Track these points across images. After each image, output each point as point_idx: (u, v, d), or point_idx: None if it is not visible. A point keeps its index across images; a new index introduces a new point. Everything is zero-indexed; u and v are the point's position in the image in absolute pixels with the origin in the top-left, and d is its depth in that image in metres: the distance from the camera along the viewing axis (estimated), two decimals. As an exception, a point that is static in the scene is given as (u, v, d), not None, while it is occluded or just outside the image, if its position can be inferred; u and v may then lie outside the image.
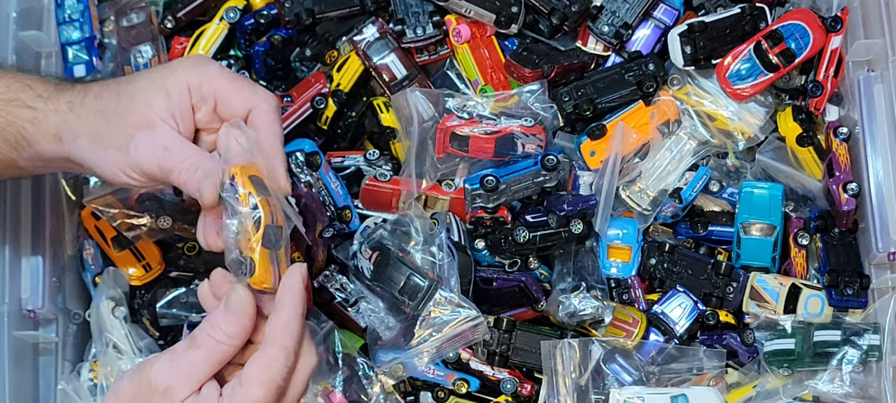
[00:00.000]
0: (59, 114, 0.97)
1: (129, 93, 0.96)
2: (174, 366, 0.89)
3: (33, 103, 0.97)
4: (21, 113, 0.97)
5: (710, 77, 1.27)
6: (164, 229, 1.22)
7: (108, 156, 0.96)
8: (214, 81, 0.96)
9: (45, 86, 0.98)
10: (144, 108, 0.95)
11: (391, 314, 1.19)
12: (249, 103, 0.97)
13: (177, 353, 0.90)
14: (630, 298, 1.26)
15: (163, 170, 0.95)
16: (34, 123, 0.97)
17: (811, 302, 1.22)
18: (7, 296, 1.18)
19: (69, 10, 1.29)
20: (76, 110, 0.97)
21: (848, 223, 1.24)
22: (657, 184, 1.27)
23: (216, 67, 0.98)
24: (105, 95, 0.97)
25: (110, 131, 0.95)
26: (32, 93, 0.98)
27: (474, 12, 1.26)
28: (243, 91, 0.97)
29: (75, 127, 0.96)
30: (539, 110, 1.25)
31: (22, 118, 0.97)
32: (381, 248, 1.18)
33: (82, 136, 0.96)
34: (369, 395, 1.19)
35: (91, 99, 0.97)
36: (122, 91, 0.97)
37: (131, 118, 0.95)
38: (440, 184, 1.26)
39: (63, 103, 0.97)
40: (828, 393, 1.18)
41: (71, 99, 0.97)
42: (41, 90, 0.98)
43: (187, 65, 0.98)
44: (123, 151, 0.95)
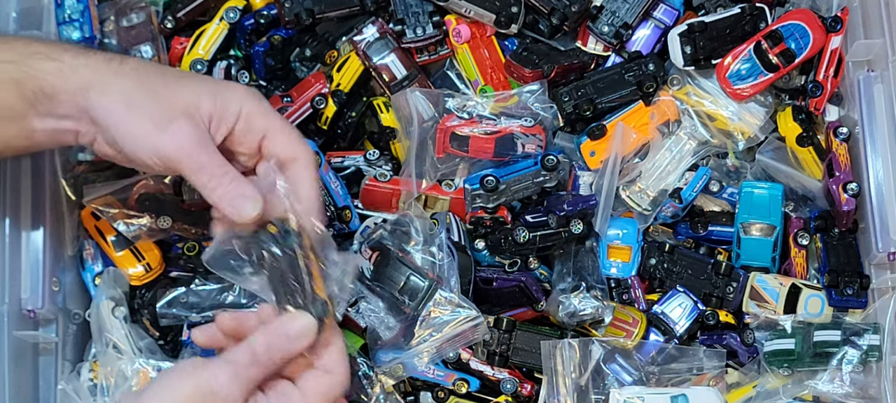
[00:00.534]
0: (91, 69, 0.96)
1: (177, 81, 0.97)
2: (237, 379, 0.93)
3: (60, 57, 0.96)
4: (44, 65, 0.96)
5: (710, 77, 1.27)
6: (164, 229, 1.22)
7: (139, 126, 0.95)
8: (268, 117, 0.99)
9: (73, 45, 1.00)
10: (191, 103, 0.96)
11: (391, 314, 1.19)
12: (296, 151, 1.00)
13: (241, 367, 0.93)
14: (630, 298, 1.26)
15: (193, 162, 0.95)
16: (59, 75, 0.95)
17: (811, 302, 1.22)
18: (7, 296, 1.18)
19: (69, 10, 1.29)
20: (115, 68, 0.96)
21: (848, 223, 1.24)
22: (657, 184, 1.27)
23: (268, 105, 1.01)
24: (148, 71, 0.97)
25: (151, 104, 0.95)
26: (58, 48, 0.97)
27: (474, 12, 1.26)
28: (292, 136, 1.01)
29: (111, 84, 0.96)
30: (539, 110, 1.25)
31: (45, 70, 0.96)
32: (381, 248, 1.18)
33: (117, 95, 0.95)
34: (369, 395, 1.19)
35: (130, 67, 0.97)
36: (168, 75, 0.98)
37: (176, 103, 0.96)
38: (440, 184, 1.26)
39: (99, 60, 0.96)
40: (828, 393, 1.18)
41: (109, 58, 0.97)
42: (68, 46, 0.99)
43: (245, 92, 1.00)
44: (159, 128, 0.94)
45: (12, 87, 0.96)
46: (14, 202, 1.20)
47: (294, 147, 1.00)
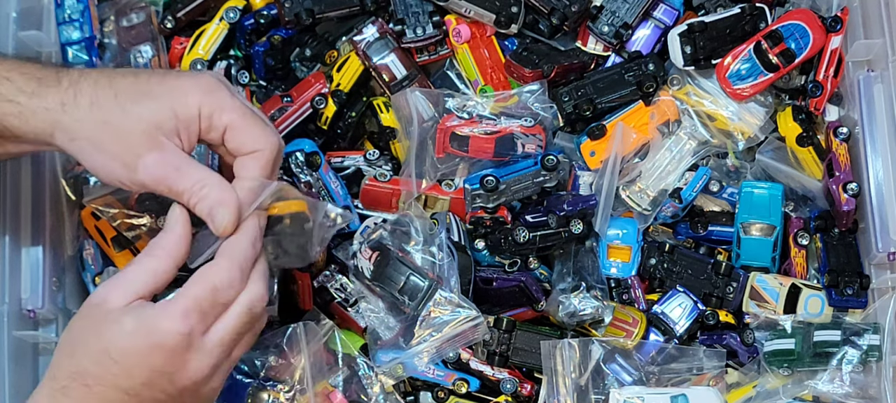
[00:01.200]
0: (49, 113, 0.95)
1: (135, 112, 0.95)
2: (111, 282, 0.93)
3: (16, 97, 0.95)
4: (4, 107, 0.95)
5: (710, 77, 1.27)
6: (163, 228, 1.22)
7: (110, 167, 0.96)
8: (226, 114, 0.97)
9: (27, 79, 0.96)
10: (153, 130, 0.95)
11: (391, 314, 1.19)
12: (257, 144, 0.98)
13: (115, 272, 0.95)
14: (630, 298, 1.26)
15: (172, 191, 0.96)
16: (19, 117, 0.95)
17: (811, 302, 1.22)
18: (7, 296, 1.18)
19: (69, 10, 1.29)
20: (71, 112, 0.95)
21: (848, 223, 1.24)
22: (657, 184, 1.27)
23: (228, 97, 0.97)
24: (103, 103, 0.95)
25: (116, 145, 0.95)
26: (13, 87, 0.96)
27: (474, 12, 1.26)
28: (253, 130, 0.98)
29: (72, 129, 0.95)
30: (539, 110, 1.25)
31: (5, 112, 0.95)
32: (381, 248, 1.18)
33: (82, 141, 0.95)
34: (369, 395, 1.19)
35: (86, 104, 0.95)
36: (124, 105, 0.95)
37: (139, 137, 0.95)
38: (440, 184, 1.26)
39: (53, 102, 0.95)
40: (828, 393, 1.18)
41: (62, 99, 0.95)
42: (22, 84, 0.96)
43: (201, 89, 0.97)
44: (130, 168, 0.95)
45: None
46: (14, 202, 1.20)
47: (255, 139, 0.98)
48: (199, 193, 0.95)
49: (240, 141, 0.98)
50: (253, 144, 0.98)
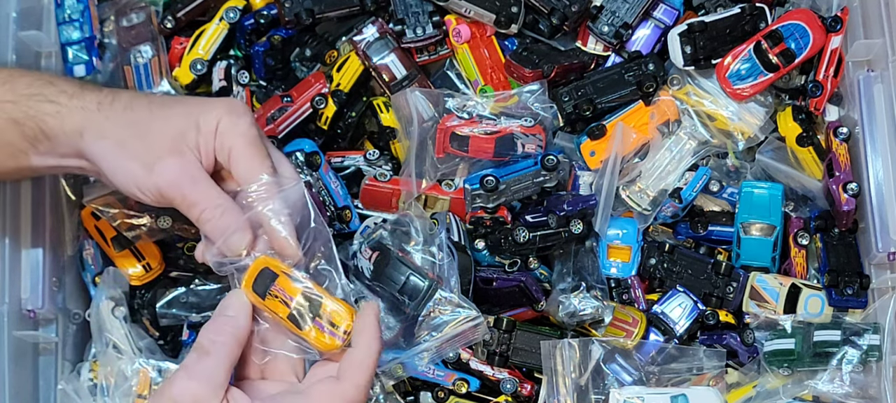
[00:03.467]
0: (85, 112, 0.97)
1: (164, 115, 0.97)
2: (194, 377, 0.90)
3: (57, 98, 0.98)
4: (43, 107, 0.98)
5: (710, 77, 1.27)
6: (164, 229, 1.22)
7: (130, 167, 0.96)
8: (234, 138, 0.96)
9: (70, 83, 0.99)
10: (180, 136, 0.96)
11: (391, 314, 1.19)
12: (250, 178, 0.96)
13: (191, 366, 0.91)
14: (630, 298, 1.26)
15: (185, 200, 0.96)
16: (57, 117, 0.97)
17: (811, 302, 1.22)
18: (7, 296, 1.18)
19: (69, 10, 1.29)
20: (105, 111, 0.97)
21: (848, 223, 1.24)
22: (657, 184, 1.27)
23: (246, 124, 0.97)
24: (136, 107, 0.98)
25: (139, 145, 0.96)
26: (55, 89, 0.98)
27: (474, 12, 1.26)
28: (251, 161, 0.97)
29: (102, 127, 0.97)
30: (539, 110, 1.25)
31: (44, 112, 0.97)
32: (381, 248, 1.18)
33: (109, 139, 0.97)
34: (369, 395, 1.19)
35: (120, 106, 0.98)
36: (155, 110, 0.97)
37: (163, 140, 0.96)
38: (440, 184, 1.26)
39: (91, 101, 0.97)
40: (828, 393, 1.18)
41: (100, 99, 0.98)
42: (65, 87, 0.99)
43: (224, 108, 0.98)
44: (148, 168, 0.96)
45: (13, 126, 0.98)
46: (14, 202, 1.20)
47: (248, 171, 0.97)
48: (214, 212, 0.95)
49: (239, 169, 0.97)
50: (247, 177, 0.97)
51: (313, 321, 0.94)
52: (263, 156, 0.98)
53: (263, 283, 0.94)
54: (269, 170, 0.97)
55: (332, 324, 0.94)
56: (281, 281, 0.94)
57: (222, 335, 0.92)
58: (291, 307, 0.94)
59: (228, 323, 0.93)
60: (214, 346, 0.92)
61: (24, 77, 1.00)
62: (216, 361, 0.91)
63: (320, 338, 0.94)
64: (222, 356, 0.91)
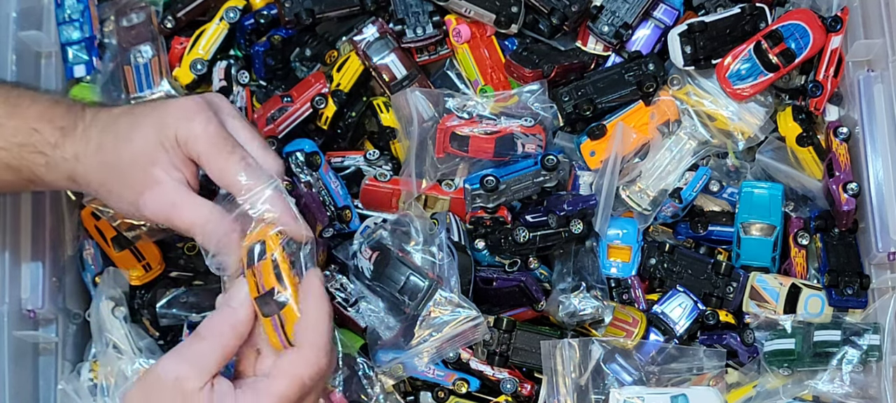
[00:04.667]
0: (68, 163, 0.99)
1: (131, 152, 0.96)
2: (181, 358, 0.91)
3: (44, 149, 0.99)
4: (34, 158, 1.00)
5: (710, 77, 1.27)
6: (164, 229, 1.22)
7: (121, 206, 1.00)
8: (196, 144, 0.95)
9: (52, 130, 0.99)
10: (148, 166, 0.96)
11: (391, 314, 1.19)
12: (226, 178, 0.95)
13: (182, 347, 0.92)
14: (630, 298, 1.26)
15: (173, 223, 0.97)
16: (47, 167, 0.99)
17: (811, 302, 1.22)
18: (7, 296, 1.18)
19: (69, 10, 1.29)
20: (83, 162, 0.98)
21: (848, 223, 1.24)
22: (657, 184, 1.27)
23: (201, 126, 0.95)
24: (106, 147, 0.98)
25: (119, 186, 0.98)
26: (41, 138, 0.99)
27: (474, 12, 1.26)
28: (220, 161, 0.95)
29: (86, 176, 0.99)
30: (539, 110, 1.25)
31: (35, 162, 1.00)
32: (381, 248, 1.18)
33: (94, 185, 0.99)
34: (369, 395, 1.19)
35: (93, 150, 0.98)
36: (122, 149, 0.97)
37: (137, 176, 0.96)
38: (440, 184, 1.26)
39: (70, 153, 0.99)
40: (828, 393, 1.18)
41: (76, 150, 0.98)
42: (49, 135, 0.99)
43: (178, 114, 0.96)
44: (134, 205, 0.97)
45: (9, 171, 1.01)
46: (14, 202, 1.20)
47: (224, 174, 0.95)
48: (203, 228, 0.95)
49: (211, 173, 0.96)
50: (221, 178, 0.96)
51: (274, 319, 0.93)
52: (230, 150, 0.96)
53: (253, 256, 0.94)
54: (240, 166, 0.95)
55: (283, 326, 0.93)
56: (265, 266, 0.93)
57: (220, 324, 0.92)
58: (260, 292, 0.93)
59: (229, 313, 0.93)
60: (210, 333, 0.92)
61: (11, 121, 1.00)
62: (209, 347, 0.91)
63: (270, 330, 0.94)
64: (216, 344, 0.91)
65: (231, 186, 0.95)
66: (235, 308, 0.93)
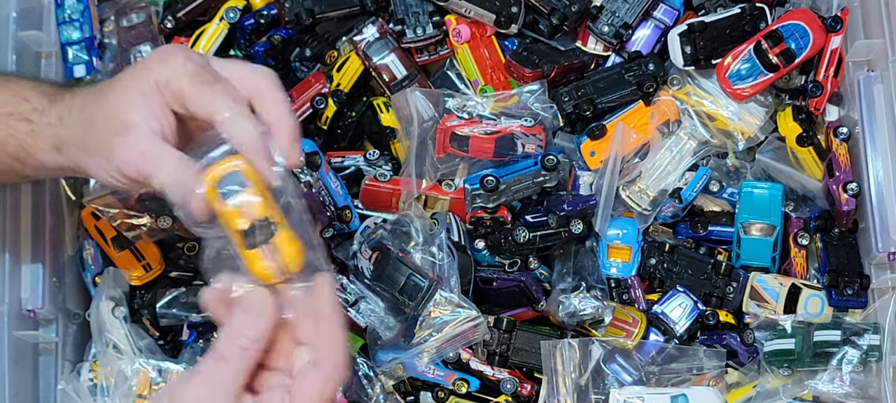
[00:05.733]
0: (52, 127, 0.97)
1: (110, 100, 0.94)
2: (208, 386, 0.86)
3: (30, 116, 0.97)
4: (20, 126, 0.98)
5: (710, 77, 1.27)
6: (164, 229, 1.22)
7: (95, 162, 0.95)
8: (179, 80, 0.91)
9: (40, 98, 0.98)
10: (124, 113, 0.92)
11: (391, 314, 1.19)
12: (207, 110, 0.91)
13: (206, 372, 0.87)
14: (630, 298, 1.26)
15: (143, 175, 0.92)
16: (32, 135, 0.97)
17: (811, 302, 1.22)
18: (7, 296, 1.18)
19: (69, 10, 1.29)
20: (65, 122, 0.96)
21: (848, 223, 1.24)
22: (657, 184, 1.27)
23: (181, 61, 0.92)
24: (88, 105, 0.96)
25: (94, 138, 0.94)
26: (29, 105, 0.98)
27: (474, 12, 1.26)
28: (202, 97, 0.91)
29: (66, 138, 0.96)
30: (539, 110, 1.25)
31: (21, 131, 0.98)
32: (381, 248, 1.18)
33: (72, 145, 0.96)
34: (369, 395, 1.19)
35: (77, 109, 0.96)
36: (101, 98, 0.95)
37: (111, 124, 0.93)
38: (440, 184, 1.26)
39: (54, 117, 0.97)
40: (828, 393, 1.18)
41: (61, 112, 0.97)
42: (36, 102, 0.98)
43: (156, 60, 0.93)
44: (106, 158, 0.93)
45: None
46: (14, 202, 1.20)
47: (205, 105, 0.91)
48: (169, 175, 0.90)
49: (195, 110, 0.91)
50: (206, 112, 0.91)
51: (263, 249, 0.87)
52: (212, 81, 0.92)
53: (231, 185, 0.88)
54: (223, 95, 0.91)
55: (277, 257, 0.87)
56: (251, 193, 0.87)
57: (242, 339, 0.87)
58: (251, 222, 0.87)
59: (250, 326, 0.87)
60: (233, 354, 0.87)
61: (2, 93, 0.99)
62: (235, 369, 0.87)
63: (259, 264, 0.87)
64: (242, 363, 0.87)
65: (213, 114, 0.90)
66: (256, 318, 0.87)
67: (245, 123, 0.90)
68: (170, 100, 0.92)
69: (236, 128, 0.90)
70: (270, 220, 0.88)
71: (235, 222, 0.87)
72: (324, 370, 0.88)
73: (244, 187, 0.88)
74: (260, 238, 0.87)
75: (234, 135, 0.90)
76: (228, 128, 0.90)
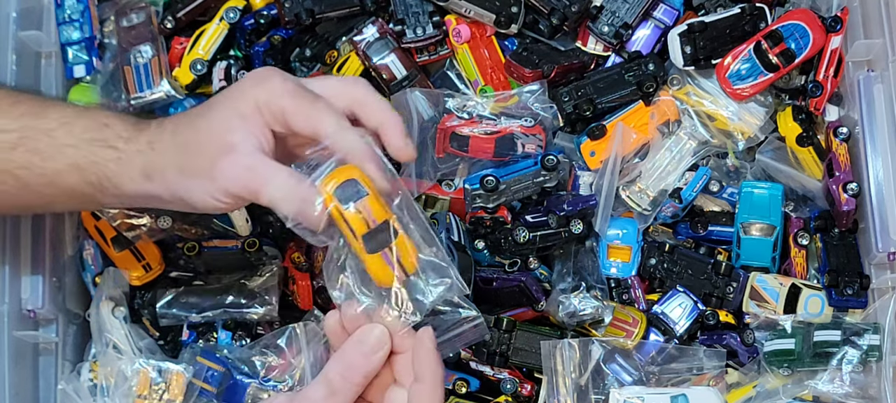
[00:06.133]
0: (142, 155, 0.97)
1: (207, 124, 0.95)
2: None
3: (115, 143, 0.97)
4: (104, 153, 0.97)
5: (710, 77, 1.27)
6: (164, 229, 1.22)
7: (196, 185, 0.95)
8: (279, 100, 0.94)
9: (124, 125, 0.98)
10: (224, 134, 0.94)
11: (391, 314, 1.18)
12: (312, 126, 0.93)
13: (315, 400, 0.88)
14: (630, 298, 1.26)
15: (250, 191, 0.93)
16: (118, 163, 0.97)
17: (811, 302, 1.22)
18: (7, 296, 1.18)
19: (69, 10, 1.29)
20: (158, 148, 0.97)
21: (848, 223, 1.24)
22: (657, 184, 1.27)
23: (279, 82, 0.95)
24: (181, 129, 0.97)
25: (194, 161, 0.94)
26: (113, 132, 0.98)
27: (474, 12, 1.26)
28: (304, 113, 0.93)
29: (160, 164, 0.96)
30: (539, 110, 1.25)
31: (105, 158, 0.97)
32: (382, 248, 1.18)
33: (169, 170, 0.96)
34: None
35: (169, 135, 0.97)
36: (198, 123, 0.96)
37: (213, 146, 0.94)
38: (440, 183, 1.26)
39: (144, 143, 0.97)
40: (828, 393, 1.18)
41: (150, 138, 0.97)
42: (121, 130, 0.98)
43: (252, 81, 0.96)
44: (210, 178, 0.94)
45: (76, 173, 0.98)
46: (14, 202, 1.20)
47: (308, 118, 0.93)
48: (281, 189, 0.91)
49: (299, 126, 0.94)
50: (310, 127, 0.93)
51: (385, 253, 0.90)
52: (313, 98, 0.94)
53: (348, 193, 0.90)
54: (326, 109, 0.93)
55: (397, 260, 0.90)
56: (370, 201, 0.90)
57: (356, 374, 0.88)
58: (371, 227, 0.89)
59: (364, 361, 0.89)
60: (345, 385, 0.88)
61: (81, 119, 0.99)
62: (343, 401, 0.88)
63: (380, 267, 0.90)
64: (350, 396, 0.88)
65: (319, 129, 0.93)
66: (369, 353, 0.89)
67: (351, 134, 0.93)
68: (269, 119, 0.94)
69: (344, 139, 0.92)
70: (390, 224, 0.90)
71: (357, 228, 0.90)
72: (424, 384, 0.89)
73: (362, 194, 0.90)
74: (381, 242, 0.90)
75: (343, 146, 0.92)
76: (336, 139, 0.92)
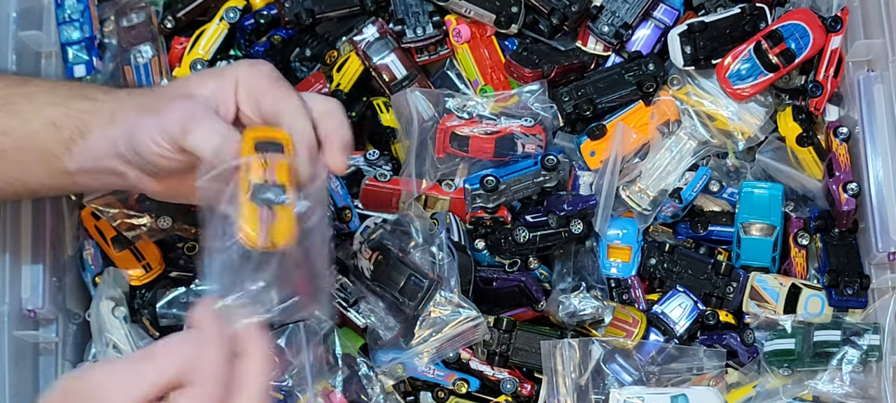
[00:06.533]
0: (117, 100, 0.99)
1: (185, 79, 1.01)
2: (114, 372, 0.81)
3: (94, 95, 1.00)
4: (80, 104, 0.99)
5: (710, 77, 1.27)
6: (164, 229, 1.22)
7: (144, 122, 0.95)
8: (258, 80, 0.96)
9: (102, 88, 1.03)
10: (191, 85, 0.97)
11: (391, 314, 1.19)
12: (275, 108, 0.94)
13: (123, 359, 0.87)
14: (630, 298, 1.26)
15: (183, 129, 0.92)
16: (92, 112, 0.99)
17: (811, 302, 1.22)
18: (7, 296, 1.18)
19: (69, 10, 1.29)
20: (132, 94, 1.00)
21: (848, 223, 1.24)
22: (657, 184, 1.27)
23: (267, 68, 0.97)
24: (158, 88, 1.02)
25: (152, 100, 0.97)
26: (95, 89, 1.02)
27: (474, 12, 1.26)
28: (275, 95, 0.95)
29: (127, 106, 0.98)
30: (539, 110, 1.25)
31: (80, 108, 0.99)
32: (381, 248, 1.18)
33: (131, 111, 0.97)
34: (369, 395, 1.19)
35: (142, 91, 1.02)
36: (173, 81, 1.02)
37: (176, 90, 0.98)
38: (440, 184, 1.26)
39: (123, 93, 1.01)
40: (828, 393, 1.18)
41: (127, 93, 1.01)
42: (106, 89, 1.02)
43: (245, 63, 0.99)
44: (157, 115, 0.94)
45: (51, 130, 0.99)
46: (14, 202, 1.20)
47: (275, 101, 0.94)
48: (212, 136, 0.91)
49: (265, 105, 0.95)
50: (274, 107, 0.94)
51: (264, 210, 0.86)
52: (289, 89, 0.96)
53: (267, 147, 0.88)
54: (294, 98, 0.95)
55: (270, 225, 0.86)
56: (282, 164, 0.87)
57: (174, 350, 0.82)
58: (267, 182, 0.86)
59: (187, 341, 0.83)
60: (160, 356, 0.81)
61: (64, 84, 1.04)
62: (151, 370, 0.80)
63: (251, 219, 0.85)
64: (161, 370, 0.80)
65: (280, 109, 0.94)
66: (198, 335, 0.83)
67: (305, 122, 0.94)
68: (243, 96, 0.96)
69: (297, 121, 0.93)
70: (285, 189, 0.87)
71: (255, 173, 0.87)
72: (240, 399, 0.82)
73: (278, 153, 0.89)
74: (266, 197, 0.87)
75: (292, 125, 0.93)
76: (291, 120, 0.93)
